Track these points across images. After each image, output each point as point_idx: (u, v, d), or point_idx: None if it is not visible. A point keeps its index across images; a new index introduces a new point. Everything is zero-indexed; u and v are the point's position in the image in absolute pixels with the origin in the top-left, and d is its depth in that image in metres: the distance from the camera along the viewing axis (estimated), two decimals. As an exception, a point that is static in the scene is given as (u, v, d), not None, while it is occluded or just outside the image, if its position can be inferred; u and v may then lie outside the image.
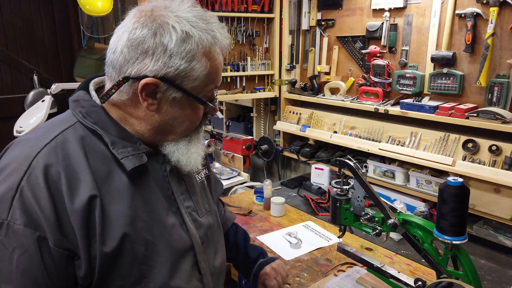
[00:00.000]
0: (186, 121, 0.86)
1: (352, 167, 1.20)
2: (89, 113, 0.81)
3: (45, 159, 0.74)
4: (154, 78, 0.77)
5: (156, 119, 0.83)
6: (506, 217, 1.67)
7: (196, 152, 0.90)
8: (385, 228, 1.19)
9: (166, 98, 0.81)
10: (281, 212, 2.02)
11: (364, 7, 2.21)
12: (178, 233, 0.87)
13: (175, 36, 0.77)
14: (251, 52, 2.57)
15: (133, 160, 0.80)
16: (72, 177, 0.75)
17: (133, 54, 0.78)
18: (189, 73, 0.79)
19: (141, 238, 0.80)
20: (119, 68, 0.80)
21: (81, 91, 0.86)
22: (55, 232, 0.72)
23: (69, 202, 0.73)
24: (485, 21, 1.72)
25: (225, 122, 3.21)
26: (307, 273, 1.50)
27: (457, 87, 1.85)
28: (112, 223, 0.77)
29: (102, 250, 0.75)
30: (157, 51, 0.77)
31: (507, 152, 1.68)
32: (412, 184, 2.00)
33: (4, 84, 3.63)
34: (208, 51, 0.81)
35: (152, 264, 0.82)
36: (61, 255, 0.73)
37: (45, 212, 0.71)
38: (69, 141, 0.78)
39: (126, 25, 0.80)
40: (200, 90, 0.83)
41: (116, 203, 0.78)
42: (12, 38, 3.61)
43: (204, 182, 1.06)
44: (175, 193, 0.89)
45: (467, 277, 1.04)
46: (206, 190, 1.05)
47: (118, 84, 0.80)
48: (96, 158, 0.79)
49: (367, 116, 2.23)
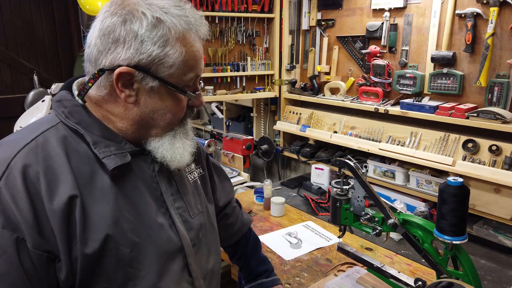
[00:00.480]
0: (167, 113, 0.82)
1: (352, 167, 1.20)
2: (71, 113, 0.80)
3: (23, 159, 0.73)
4: (127, 67, 0.75)
5: (136, 112, 0.80)
6: (506, 217, 1.67)
7: (181, 147, 0.86)
8: (385, 228, 1.19)
9: (144, 88, 0.78)
10: (281, 212, 2.02)
11: (364, 7, 2.21)
12: (167, 234, 0.85)
13: (146, 22, 0.75)
14: (251, 52, 2.57)
15: (115, 160, 0.78)
16: (51, 177, 0.73)
17: (105, 45, 0.76)
18: (164, 60, 0.77)
19: (126, 239, 0.78)
20: (95, 61, 0.78)
21: (64, 91, 0.84)
22: (34, 233, 0.70)
23: (48, 203, 0.71)
24: (485, 21, 1.72)
25: (225, 122, 3.21)
26: (307, 273, 1.50)
27: (457, 87, 1.85)
28: (94, 224, 0.75)
29: (83, 252, 0.73)
30: (128, 38, 0.75)
31: (507, 152, 1.68)
32: (412, 184, 2.00)
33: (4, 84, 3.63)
34: (183, 36, 0.78)
35: (139, 266, 0.80)
36: (41, 257, 0.71)
37: (23, 213, 0.70)
38: (50, 142, 0.76)
39: (98, 17, 0.78)
40: (178, 78, 0.80)
41: (98, 203, 0.76)
42: (12, 38, 3.61)
43: (197, 182, 1.03)
44: (164, 194, 0.87)
45: (467, 277, 1.04)
46: (199, 190, 1.02)
47: (94, 77, 0.78)
48: (79, 158, 0.77)
49: (367, 116, 2.23)
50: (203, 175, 1.08)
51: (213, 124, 3.45)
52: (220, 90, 2.50)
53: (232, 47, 2.50)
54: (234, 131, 3.05)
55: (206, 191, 1.07)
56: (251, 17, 2.49)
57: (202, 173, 1.07)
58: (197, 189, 1.01)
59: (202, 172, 1.08)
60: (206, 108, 3.56)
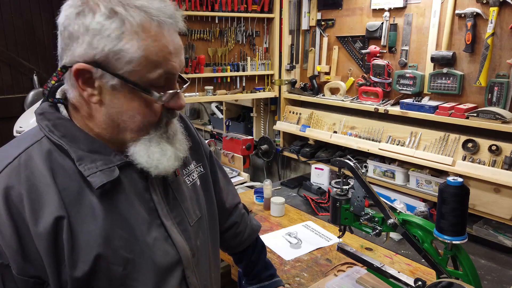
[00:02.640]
0: (136, 115, 0.75)
1: (352, 167, 1.20)
2: (55, 126, 0.74)
3: (5, 180, 0.69)
4: (84, 64, 0.69)
5: (104, 113, 0.74)
6: (506, 217, 1.67)
7: (158, 152, 0.78)
8: (385, 228, 1.19)
9: (105, 86, 0.72)
10: (281, 212, 2.02)
11: (364, 7, 2.21)
12: (163, 248, 0.81)
13: (98, 14, 0.68)
14: (251, 52, 2.57)
15: (100, 177, 0.72)
16: (35, 198, 0.69)
17: (65, 41, 0.71)
18: (119, 54, 0.69)
19: (118, 257, 0.74)
20: (60, 59, 0.73)
21: (46, 103, 0.78)
22: (19, 259, 0.67)
23: (33, 226, 0.67)
24: (485, 21, 1.72)
25: (225, 122, 3.21)
26: (307, 273, 1.50)
27: (457, 87, 1.85)
28: (83, 245, 0.71)
29: (73, 275, 0.69)
30: (80, 33, 0.69)
31: (507, 152, 1.68)
32: (412, 184, 2.00)
33: (4, 84, 3.63)
34: (143, 29, 0.70)
35: (134, 284, 0.76)
36: (26, 283, 0.68)
37: (6, 238, 0.66)
38: (34, 159, 0.71)
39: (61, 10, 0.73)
40: (142, 76, 0.71)
41: (87, 222, 0.72)
42: (12, 38, 3.61)
43: (196, 184, 0.97)
44: (157, 205, 0.81)
45: (467, 277, 1.04)
46: (199, 193, 0.97)
47: (57, 75, 0.73)
48: (65, 175, 0.72)
49: (367, 116, 2.23)
50: (204, 173, 1.02)
51: (213, 124, 3.45)
52: (220, 90, 2.50)
53: (232, 47, 2.50)
54: (234, 131, 3.05)
55: (207, 190, 1.02)
56: (251, 17, 2.49)
57: (202, 172, 1.02)
58: (196, 192, 0.96)
59: (203, 170, 1.02)
60: (206, 108, 3.56)
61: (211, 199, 1.04)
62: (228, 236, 1.20)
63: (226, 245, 1.23)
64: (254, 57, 2.58)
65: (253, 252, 1.27)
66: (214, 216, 1.05)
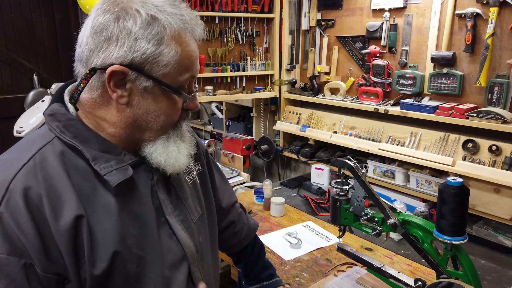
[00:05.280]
0: (161, 115, 0.79)
1: (352, 167, 1.20)
2: (66, 127, 0.76)
3: (23, 181, 0.69)
4: (120, 66, 0.72)
5: (128, 114, 0.77)
6: (506, 217, 1.67)
7: (176, 150, 0.82)
8: (385, 228, 1.19)
9: (137, 88, 0.75)
10: (281, 212, 2.02)
11: (364, 7, 2.21)
12: (168, 245, 0.83)
13: (140, 19, 0.72)
14: (251, 52, 2.57)
15: (117, 175, 0.75)
16: (54, 198, 0.70)
17: (97, 43, 0.73)
18: (158, 58, 0.74)
19: (132, 255, 0.76)
20: (86, 60, 0.75)
21: (56, 104, 0.80)
22: (42, 257, 0.68)
23: (54, 225, 0.69)
24: (485, 21, 1.72)
25: (225, 122, 3.21)
26: (307, 273, 1.50)
27: (457, 87, 1.85)
28: (101, 243, 0.72)
29: (92, 273, 0.71)
30: (121, 36, 0.71)
31: (507, 152, 1.68)
32: (412, 184, 2.00)
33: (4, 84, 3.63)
34: (178, 35, 0.75)
35: (146, 280, 0.78)
36: (50, 280, 0.69)
37: (28, 237, 0.67)
38: (48, 160, 0.73)
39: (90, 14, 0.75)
40: (173, 78, 0.76)
41: (104, 221, 0.73)
42: (12, 38, 3.61)
43: (196, 182, 1.00)
44: (161, 203, 0.84)
45: (467, 277, 1.04)
46: (198, 190, 1.00)
47: (86, 78, 0.74)
48: (79, 175, 0.74)
49: (367, 116, 2.23)
50: (202, 171, 1.05)
51: (213, 124, 3.45)
52: (220, 90, 2.50)
53: (232, 47, 2.50)
54: (234, 131, 3.05)
55: (205, 188, 1.04)
56: (251, 17, 2.49)
57: (201, 170, 1.04)
58: (196, 190, 0.99)
59: (201, 168, 1.05)
60: (206, 108, 3.56)
61: (210, 197, 1.06)
62: (226, 236, 1.20)
63: (224, 245, 1.23)
64: (254, 57, 2.58)
65: (252, 252, 1.27)
66: (212, 213, 1.06)
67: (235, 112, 3.24)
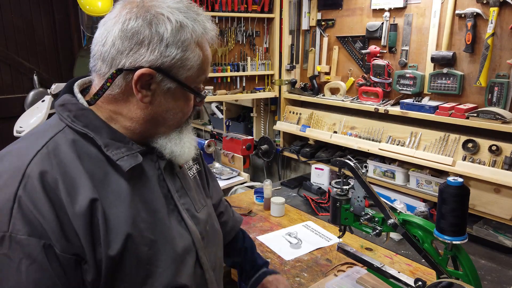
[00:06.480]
0: (179, 113, 0.85)
1: (352, 167, 1.20)
2: (77, 116, 0.79)
3: (39, 166, 0.72)
4: (149, 69, 0.77)
5: (149, 111, 0.82)
6: (506, 217, 1.67)
7: (188, 142, 0.90)
8: (385, 228, 1.19)
9: (161, 89, 0.80)
10: (281, 212, 2.02)
11: (364, 7, 2.21)
12: (178, 230, 0.87)
13: (170, 26, 0.77)
14: (251, 52, 2.57)
15: (129, 161, 0.79)
16: (69, 183, 0.73)
17: (127, 45, 0.76)
18: (184, 63, 0.80)
19: (144, 238, 0.80)
20: (111, 60, 0.78)
21: (66, 95, 0.83)
22: (60, 239, 0.71)
23: (70, 208, 0.72)
24: (485, 21, 1.72)
25: (225, 122, 3.21)
26: (307, 273, 1.50)
27: (457, 87, 1.85)
28: (115, 226, 0.76)
29: (108, 254, 0.74)
30: (153, 41, 0.76)
31: (507, 152, 1.68)
32: (412, 184, 2.00)
33: (4, 84, 3.63)
34: (201, 41, 0.82)
35: (157, 263, 0.82)
36: (69, 260, 0.72)
37: (47, 220, 0.70)
38: (61, 147, 0.76)
39: (115, 16, 0.78)
40: (193, 80, 0.83)
41: (116, 205, 0.77)
42: (12, 38, 3.61)
43: (196, 178, 1.06)
44: (171, 191, 0.89)
45: (467, 277, 1.04)
46: (199, 185, 1.05)
47: (113, 77, 0.78)
48: (90, 161, 0.77)
49: (367, 116, 2.23)
50: (200, 170, 1.11)
51: (213, 124, 3.45)
52: (220, 90, 2.50)
53: (232, 47, 2.50)
54: (234, 131, 3.05)
55: (203, 186, 1.10)
56: (251, 17, 2.49)
57: (199, 169, 1.10)
58: (197, 184, 1.04)
59: (199, 167, 1.11)
60: (206, 108, 3.56)
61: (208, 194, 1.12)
62: None
63: None
64: (254, 57, 2.58)
65: (243, 241, 1.32)
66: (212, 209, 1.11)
67: (235, 112, 3.24)
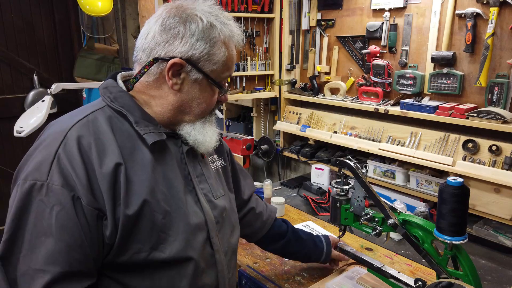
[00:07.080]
0: (203, 103, 0.97)
1: (352, 167, 1.20)
2: (116, 97, 0.93)
3: (78, 131, 0.87)
4: (181, 59, 0.90)
5: (177, 98, 0.94)
6: (506, 217, 1.67)
7: (211, 131, 1.01)
8: (385, 228, 1.19)
9: (189, 78, 0.93)
10: (281, 212, 2.02)
11: (364, 7, 2.21)
12: (193, 208, 0.97)
13: (202, 25, 0.91)
14: (251, 52, 2.57)
15: (154, 136, 0.91)
16: (101, 147, 0.86)
17: (164, 38, 0.91)
18: (211, 57, 0.93)
19: (160, 207, 0.90)
20: (150, 51, 0.92)
21: (110, 80, 0.99)
22: (87, 193, 0.83)
23: (99, 168, 0.84)
24: (485, 21, 1.72)
25: (225, 122, 3.21)
26: (307, 273, 1.50)
27: (457, 87, 1.85)
28: (135, 190, 0.87)
29: (125, 213, 0.85)
30: (186, 36, 0.90)
31: (507, 152, 1.68)
32: (412, 184, 2.00)
33: (4, 84, 3.63)
34: (227, 41, 0.95)
35: (169, 232, 0.91)
36: (92, 213, 0.84)
37: (79, 176, 0.82)
38: (99, 119, 0.90)
39: (158, 15, 0.93)
40: (217, 75, 0.96)
41: (139, 174, 0.88)
42: (12, 38, 3.61)
43: (219, 171, 1.15)
44: (191, 174, 1.00)
45: (467, 277, 1.04)
46: (221, 178, 1.14)
47: (149, 64, 0.92)
48: (122, 135, 0.90)
49: (367, 116, 2.23)
50: (225, 166, 1.19)
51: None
52: (220, 90, 2.49)
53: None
54: (234, 131, 3.04)
55: (227, 181, 1.18)
56: (251, 17, 2.49)
57: (223, 165, 1.18)
58: (219, 176, 1.13)
59: (224, 163, 1.19)
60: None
61: (231, 189, 1.20)
62: (248, 220, 1.33)
63: (248, 231, 1.35)
64: (254, 57, 2.57)
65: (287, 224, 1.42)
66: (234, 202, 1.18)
67: (235, 112, 3.24)
